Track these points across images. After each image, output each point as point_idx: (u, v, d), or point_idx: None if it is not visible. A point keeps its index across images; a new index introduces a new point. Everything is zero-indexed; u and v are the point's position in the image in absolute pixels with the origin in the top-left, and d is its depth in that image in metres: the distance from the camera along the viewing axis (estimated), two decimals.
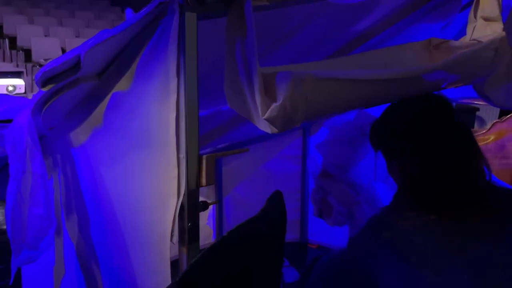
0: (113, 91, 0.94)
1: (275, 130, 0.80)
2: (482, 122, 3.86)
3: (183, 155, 0.83)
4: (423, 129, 0.89)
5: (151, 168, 0.88)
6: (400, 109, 0.95)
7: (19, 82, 6.32)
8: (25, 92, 6.26)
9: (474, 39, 0.97)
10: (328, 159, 1.96)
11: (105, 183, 1.02)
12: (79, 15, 9.16)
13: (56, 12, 9.04)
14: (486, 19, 0.99)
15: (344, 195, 1.95)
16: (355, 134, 2.00)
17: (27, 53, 7.40)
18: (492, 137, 3.21)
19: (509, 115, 2.99)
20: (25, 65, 7.13)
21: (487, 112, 3.91)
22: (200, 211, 0.88)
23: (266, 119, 0.77)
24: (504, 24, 1.01)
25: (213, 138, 1.97)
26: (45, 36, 7.98)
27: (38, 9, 8.99)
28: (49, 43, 7.48)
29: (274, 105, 0.76)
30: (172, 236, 0.85)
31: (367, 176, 1.84)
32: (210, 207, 2.36)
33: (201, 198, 1.35)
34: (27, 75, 6.76)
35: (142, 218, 0.92)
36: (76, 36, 8.12)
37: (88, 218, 1.11)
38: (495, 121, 3.04)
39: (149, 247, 0.90)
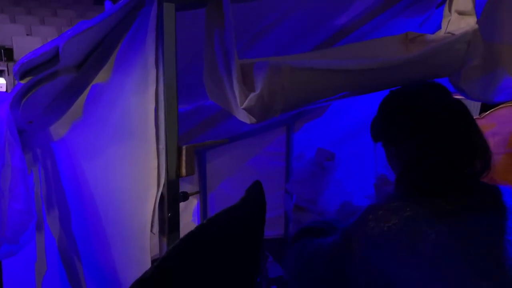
0: (93, 83, 0.94)
1: (253, 120, 0.81)
2: None
3: (162, 145, 0.83)
4: (416, 115, 0.90)
5: (131, 159, 0.88)
6: (394, 99, 0.96)
7: (1, 81, 6.24)
8: (6, 91, 6.16)
9: (448, 32, 1.00)
10: (299, 195, 2.20)
11: (86, 176, 1.02)
12: (62, 14, 9.05)
13: (39, 11, 8.92)
14: (460, 13, 1.01)
15: None
16: (317, 170, 2.24)
17: (9, 52, 7.29)
18: None
19: (488, 112, 3.05)
20: (7, 64, 7.02)
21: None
22: (181, 202, 0.88)
23: (244, 109, 0.78)
24: (478, 19, 1.04)
25: (197, 135, 1.97)
26: (27, 35, 7.87)
27: (20, 8, 8.85)
28: (31, 42, 7.37)
29: (252, 95, 0.77)
30: (152, 226, 0.85)
31: (333, 203, 2.03)
32: (195, 204, 2.36)
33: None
34: (8, 74, 6.66)
35: (123, 209, 0.92)
36: (59, 35, 8.00)
37: (69, 212, 1.11)
38: (474, 117, 3.09)
39: (129, 238, 0.90)
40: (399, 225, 0.81)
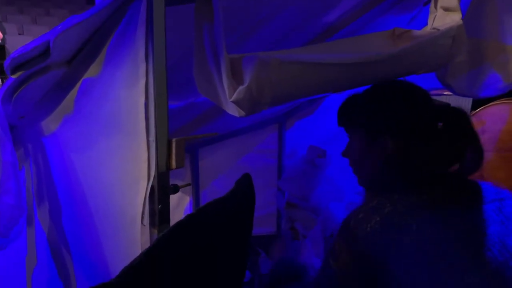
0: (83, 77, 0.94)
1: (242, 113, 0.83)
2: None
3: (152, 138, 0.84)
4: (417, 108, 0.90)
5: (121, 152, 0.89)
6: (386, 91, 0.95)
7: None
8: None
9: (434, 28, 1.02)
10: (291, 192, 2.24)
11: (77, 170, 1.02)
12: (54, 13, 9.01)
13: (31, 10, 8.87)
14: (446, 9, 1.04)
15: (308, 220, 2.20)
16: (308, 167, 2.27)
17: (1, 51, 7.24)
18: None
19: (478, 110, 3.09)
20: None
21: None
22: (171, 194, 0.89)
23: (233, 102, 0.80)
24: (463, 16, 1.06)
25: (189, 132, 1.98)
26: (19, 34, 7.83)
27: (13, 7, 8.80)
28: (24, 41, 7.32)
29: (240, 88, 0.78)
30: (142, 218, 0.86)
31: (324, 200, 2.06)
32: (187, 202, 2.37)
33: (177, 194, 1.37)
34: (1, 73, 6.62)
35: (113, 202, 0.93)
36: None
37: (60, 206, 1.12)
38: None
39: (120, 231, 0.91)
40: (382, 222, 0.81)
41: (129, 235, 0.89)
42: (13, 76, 0.96)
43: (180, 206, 2.23)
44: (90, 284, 1.10)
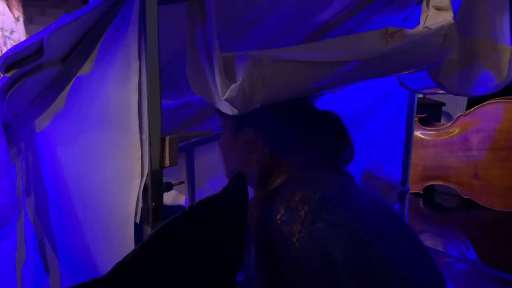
0: (77, 75, 0.95)
1: (235, 111, 0.83)
2: (449, 117, 4.00)
3: (146, 136, 0.85)
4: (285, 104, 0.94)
5: (114, 150, 0.90)
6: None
7: None
8: None
9: (426, 27, 1.03)
10: None
11: (70, 168, 1.03)
12: (50, 13, 8.98)
13: (27, 10, 8.82)
14: (438, 8, 1.05)
15: None
16: None
17: None
18: (456, 130, 3.35)
19: (472, 109, 3.12)
20: None
21: (454, 107, 4.05)
22: (164, 192, 0.90)
23: (225, 99, 0.80)
24: (455, 17, 1.08)
25: (184, 132, 1.99)
26: None
27: None
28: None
29: (233, 86, 0.79)
30: (136, 215, 0.86)
31: None
32: (183, 201, 2.37)
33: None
34: None
35: (107, 200, 0.93)
36: None
37: (52, 205, 1.12)
38: (459, 114, 3.17)
39: (112, 229, 0.91)
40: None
41: (122, 232, 0.89)
42: (7, 75, 0.97)
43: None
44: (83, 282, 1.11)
